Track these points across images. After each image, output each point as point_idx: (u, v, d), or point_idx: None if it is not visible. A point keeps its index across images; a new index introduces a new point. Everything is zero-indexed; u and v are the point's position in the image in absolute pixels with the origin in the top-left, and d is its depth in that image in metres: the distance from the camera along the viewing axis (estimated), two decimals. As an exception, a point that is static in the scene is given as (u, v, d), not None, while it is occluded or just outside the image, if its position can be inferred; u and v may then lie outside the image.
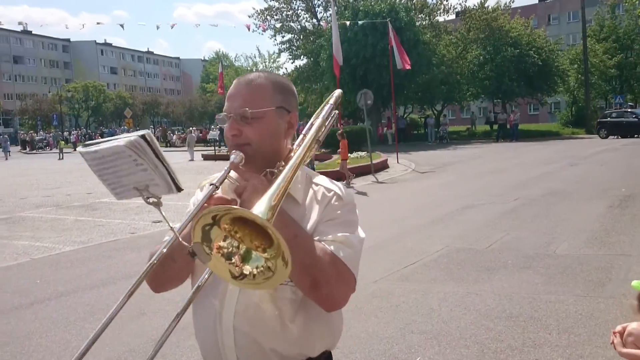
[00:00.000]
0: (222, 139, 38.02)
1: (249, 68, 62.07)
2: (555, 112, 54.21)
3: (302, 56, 43.26)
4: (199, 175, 20.74)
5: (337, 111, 1.72)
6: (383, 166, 20.59)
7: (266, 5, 43.11)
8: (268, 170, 1.51)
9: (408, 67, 22.01)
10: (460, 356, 4.43)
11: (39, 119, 70.76)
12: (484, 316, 5.23)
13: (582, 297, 5.66)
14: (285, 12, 43.26)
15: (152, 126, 68.37)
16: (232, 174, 1.58)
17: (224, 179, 1.50)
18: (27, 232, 10.70)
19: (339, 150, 17.14)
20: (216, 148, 32.06)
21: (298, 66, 43.58)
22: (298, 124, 1.68)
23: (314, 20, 43.09)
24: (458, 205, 11.55)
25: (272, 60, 60.05)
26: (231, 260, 1.26)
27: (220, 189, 1.49)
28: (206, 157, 30.45)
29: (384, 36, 28.35)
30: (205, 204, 1.41)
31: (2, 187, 19.34)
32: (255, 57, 64.81)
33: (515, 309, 5.37)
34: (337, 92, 1.81)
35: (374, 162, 19.24)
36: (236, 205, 1.41)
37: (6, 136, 48.24)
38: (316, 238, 1.50)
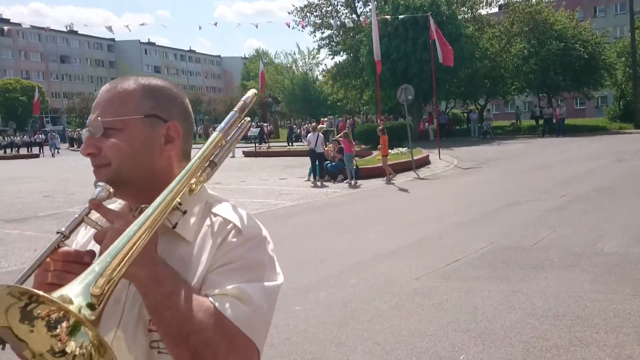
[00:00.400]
0: (262, 136, 38.47)
1: (288, 65, 62.14)
2: (602, 106, 52.72)
3: (341, 52, 43.16)
4: (241, 172, 21.04)
5: (247, 119, 1.37)
6: (424, 162, 20.42)
7: (306, 2, 43.16)
8: (142, 206, 1.13)
9: (451, 64, 21.74)
10: (505, 355, 4.38)
11: (86, 117, 72.46)
12: (530, 315, 5.15)
13: (631, 296, 5.52)
14: (324, 8, 43.26)
15: (194, 123, 69.25)
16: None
17: (78, 224, 1.16)
18: (75, 227, 10.99)
19: (379, 146, 17.09)
20: (257, 145, 32.35)
21: (338, 62, 43.52)
22: (335, 122, 1.27)
23: (354, 16, 42.95)
24: (502, 202, 11.38)
25: (311, 57, 60.01)
26: (56, 330, 0.93)
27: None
28: (247, 154, 30.71)
29: (425, 30, 28.05)
30: (48, 259, 1.11)
31: (51, 183, 19.94)
32: (294, 53, 64.86)
33: (561, 308, 5.28)
34: (250, 92, 1.43)
35: (415, 158, 19.10)
36: (90, 258, 1.12)
37: (54, 133, 49.67)
38: (204, 292, 1.14)
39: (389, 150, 17.93)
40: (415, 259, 7.38)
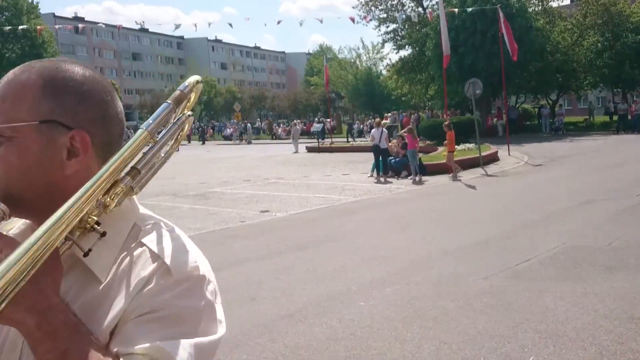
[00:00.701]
0: (324, 132, 38.52)
1: (352, 60, 61.93)
2: (682, 101, 50.08)
3: (406, 46, 42.65)
4: (303, 167, 21.18)
5: (188, 113, 1.12)
6: (493, 158, 19.95)
7: (371, -4, 42.84)
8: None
9: (514, 58, 21.13)
10: (577, 357, 4.23)
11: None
12: (603, 317, 4.96)
13: None
14: (389, 2, 42.86)
15: (259, 119, 70.40)
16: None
17: None
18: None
19: (446, 141, 16.81)
20: (319, 140, 32.49)
21: (402, 56, 43.07)
22: (399, 118, 0.95)
23: (420, 9, 42.36)
24: (575, 200, 10.98)
25: (375, 51, 59.57)
26: None
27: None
28: (310, 149, 30.90)
29: (494, 23, 27.37)
30: None
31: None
32: (359, 48, 64.50)
33: (637, 311, 5.06)
34: (191, 79, 1.13)
35: (483, 154, 18.69)
36: None
37: (126, 129, 51.62)
38: (115, 349, 0.87)
39: (456, 146, 17.61)
40: (483, 257, 7.22)
